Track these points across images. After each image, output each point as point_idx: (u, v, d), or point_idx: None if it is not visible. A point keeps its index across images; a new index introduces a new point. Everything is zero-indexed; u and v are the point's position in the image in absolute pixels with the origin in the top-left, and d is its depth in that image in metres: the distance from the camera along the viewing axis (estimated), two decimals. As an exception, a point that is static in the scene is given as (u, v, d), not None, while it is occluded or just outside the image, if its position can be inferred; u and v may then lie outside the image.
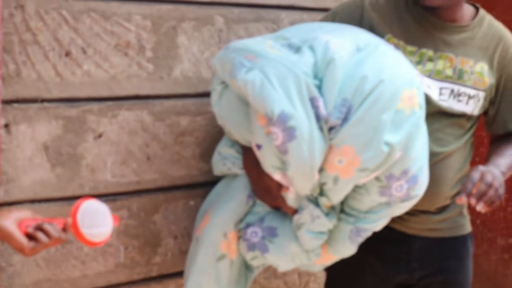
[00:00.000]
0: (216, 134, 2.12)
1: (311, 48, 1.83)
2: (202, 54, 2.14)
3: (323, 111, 1.77)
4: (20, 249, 1.34)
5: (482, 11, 2.13)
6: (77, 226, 1.39)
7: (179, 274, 2.20)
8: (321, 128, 1.77)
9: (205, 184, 2.20)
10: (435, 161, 2.00)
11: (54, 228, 1.37)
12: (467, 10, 2.10)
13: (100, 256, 2.04)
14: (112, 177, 2.03)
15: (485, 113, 2.17)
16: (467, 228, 2.22)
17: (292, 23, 2.33)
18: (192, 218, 2.20)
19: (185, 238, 2.21)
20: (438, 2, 1.96)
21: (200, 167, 2.20)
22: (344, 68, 1.80)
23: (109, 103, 1.99)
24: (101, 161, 2.00)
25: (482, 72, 2.06)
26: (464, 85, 2.03)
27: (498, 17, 2.20)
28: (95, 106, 1.96)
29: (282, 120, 1.72)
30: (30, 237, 1.36)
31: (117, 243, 2.07)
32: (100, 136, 1.99)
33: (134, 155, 2.07)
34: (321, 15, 2.34)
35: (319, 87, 1.80)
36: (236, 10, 2.21)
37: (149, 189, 2.13)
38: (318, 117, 1.77)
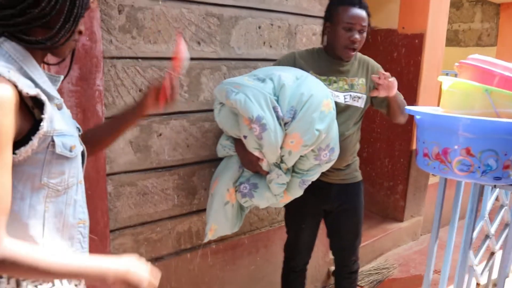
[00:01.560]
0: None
1: (271, 79, 1.86)
2: (215, 86, 2.11)
3: (280, 114, 1.81)
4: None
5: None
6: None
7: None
8: (280, 124, 1.81)
9: (218, 159, 2.20)
10: (343, 139, 2.00)
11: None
12: None
13: (164, 201, 2.07)
14: (168, 157, 2.06)
15: (371, 104, 2.16)
16: (360, 178, 2.18)
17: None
18: (213, 178, 2.23)
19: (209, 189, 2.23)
20: (349, 58, 1.99)
21: (216, 150, 2.22)
22: (290, 89, 1.83)
23: (165, 116, 2.01)
24: (161, 148, 2.02)
25: (363, 83, 2.05)
26: (355, 92, 2.02)
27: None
28: (157, 118, 1.98)
29: (258, 120, 1.76)
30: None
31: (173, 193, 2.11)
32: (160, 135, 2.01)
33: (180, 144, 2.09)
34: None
35: (277, 101, 1.83)
36: (233, 62, 2.21)
37: (189, 163, 2.15)
38: (278, 117, 1.80)
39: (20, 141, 0.92)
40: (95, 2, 1.68)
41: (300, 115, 1.80)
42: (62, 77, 1.09)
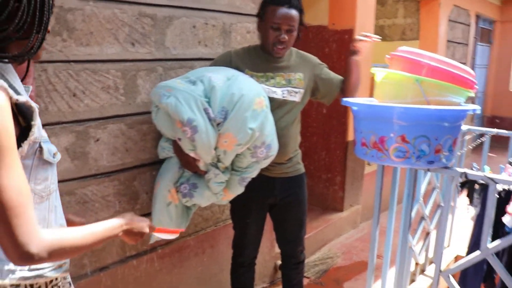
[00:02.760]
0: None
1: (202, 81, 1.87)
2: (151, 88, 2.08)
3: (212, 115, 1.82)
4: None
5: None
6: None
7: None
8: (212, 125, 1.82)
9: (159, 162, 2.16)
10: (282, 134, 2.03)
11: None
12: None
13: (105, 208, 2.01)
14: (107, 163, 2.00)
15: (315, 97, 2.22)
16: (303, 170, 2.23)
17: (201, 67, 2.32)
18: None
19: (152, 193, 2.16)
20: (280, 55, 2.03)
21: (156, 152, 2.15)
22: (221, 90, 1.85)
23: (101, 121, 1.95)
24: (100, 154, 1.96)
25: (300, 78, 2.08)
26: (293, 87, 2.06)
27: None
28: (93, 123, 1.92)
29: (189, 123, 1.77)
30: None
31: (114, 199, 2.05)
32: (98, 140, 1.95)
33: (118, 149, 2.04)
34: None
35: (208, 102, 1.84)
36: (169, 63, 2.18)
37: (129, 167, 2.09)
38: (209, 119, 1.82)
39: None
40: None
41: (232, 115, 1.82)
42: (31, 87, 1.09)
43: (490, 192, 1.74)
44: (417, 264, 2.70)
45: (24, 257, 0.85)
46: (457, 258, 3.11)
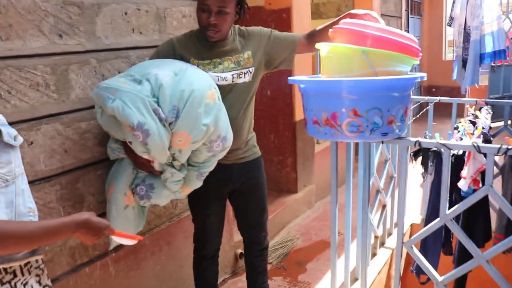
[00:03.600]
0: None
1: (148, 80, 1.76)
2: (86, 82, 1.97)
3: (162, 115, 1.73)
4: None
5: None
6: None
7: (102, 215, 2.07)
8: (164, 125, 1.73)
9: (103, 160, 2.05)
10: (236, 119, 1.98)
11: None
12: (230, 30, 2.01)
13: (48, 216, 1.85)
14: (45, 167, 1.84)
15: (273, 68, 2.13)
16: (259, 153, 2.19)
17: (137, 56, 2.20)
18: (100, 181, 2.06)
19: (99, 194, 2.07)
20: (215, 40, 1.93)
21: (99, 150, 2.04)
22: (169, 88, 1.75)
23: (34, 122, 1.79)
24: (36, 158, 1.80)
25: (248, 57, 2.00)
26: (242, 68, 1.99)
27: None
28: (24, 125, 1.75)
29: (140, 127, 1.67)
30: None
31: (57, 205, 1.90)
32: (32, 143, 1.78)
33: (56, 151, 1.88)
34: (153, 51, 2.26)
35: (157, 102, 1.75)
36: (102, 54, 2.03)
37: (70, 169, 1.95)
38: (160, 120, 1.72)
39: None
40: None
41: (184, 113, 1.74)
42: None
43: (445, 159, 1.76)
44: (376, 237, 2.74)
45: None
46: (412, 226, 3.20)
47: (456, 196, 2.01)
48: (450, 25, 6.61)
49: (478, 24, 3.44)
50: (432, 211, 2.16)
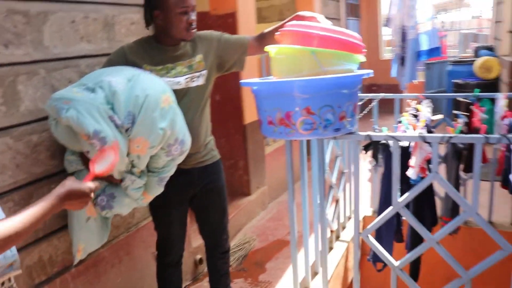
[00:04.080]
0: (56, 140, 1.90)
1: (101, 88, 1.75)
2: (35, 94, 1.93)
3: (118, 122, 1.73)
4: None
5: None
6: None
7: (58, 230, 2.04)
8: (120, 132, 1.73)
9: (58, 173, 2.01)
10: (192, 123, 2.00)
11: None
12: None
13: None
14: (-3, 183, 1.79)
15: (225, 70, 2.17)
16: (218, 156, 2.23)
17: (87, 65, 2.17)
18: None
19: None
20: (191, 38, 1.98)
21: (52, 163, 1.99)
22: (123, 94, 1.75)
23: (-18, 136, 1.74)
24: (-14, 174, 1.76)
25: (200, 60, 2.03)
26: (195, 71, 2.01)
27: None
28: (-28, 141, 1.71)
29: (96, 135, 1.66)
30: None
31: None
32: (-19, 159, 1.74)
33: (7, 166, 1.83)
34: (102, 59, 2.22)
35: (112, 109, 1.74)
36: (51, 64, 2.00)
37: (23, 184, 1.89)
38: (116, 126, 1.72)
39: None
40: None
41: (140, 118, 1.74)
42: None
43: (394, 150, 1.87)
44: (332, 231, 2.84)
45: None
46: (364, 218, 3.34)
47: (404, 186, 2.13)
48: (387, 26, 7.00)
49: (414, 24, 3.66)
50: (384, 201, 2.29)
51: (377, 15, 8.74)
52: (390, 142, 2.20)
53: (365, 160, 2.75)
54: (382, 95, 3.02)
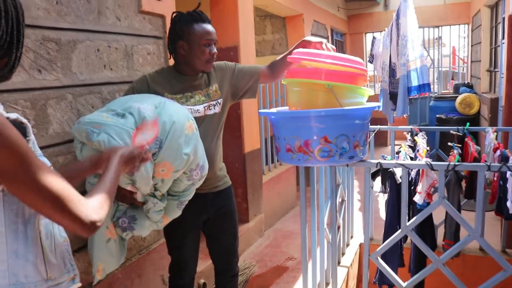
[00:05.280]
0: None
1: (131, 113, 1.81)
2: (63, 117, 2.00)
3: (146, 146, 1.79)
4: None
5: None
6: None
7: (77, 250, 2.06)
8: None
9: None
10: (210, 149, 2.07)
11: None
12: None
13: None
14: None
15: (239, 98, 2.27)
16: (230, 182, 2.29)
17: (109, 92, 2.27)
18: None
19: None
20: (210, 69, 2.08)
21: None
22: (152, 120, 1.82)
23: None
24: (15, 194, 1.80)
25: (216, 89, 2.12)
26: (211, 100, 2.10)
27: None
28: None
29: None
30: None
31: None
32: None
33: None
34: (122, 86, 2.33)
35: None
36: (78, 89, 2.08)
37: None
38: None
39: None
40: None
41: (167, 143, 1.80)
42: (2, 105, 1.06)
43: (403, 176, 2.00)
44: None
45: (92, 227, 0.99)
46: (361, 245, 3.43)
47: (412, 209, 2.26)
48: (371, 62, 7.28)
49: (405, 61, 3.87)
50: (389, 225, 2.40)
51: (361, 51, 9.08)
52: (397, 170, 2.32)
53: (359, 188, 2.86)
54: (378, 127, 3.18)
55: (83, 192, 1.84)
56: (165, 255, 2.63)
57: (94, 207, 1.02)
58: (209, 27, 2.03)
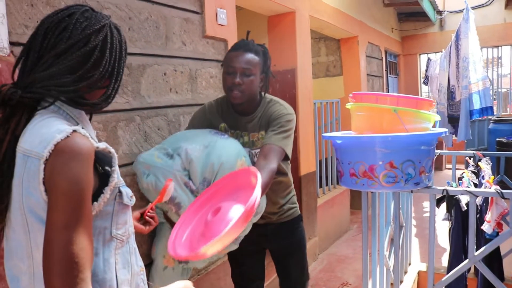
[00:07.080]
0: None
1: (178, 155, 1.85)
2: (131, 138, 2.07)
3: (193, 187, 1.83)
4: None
5: (265, 97, 2.01)
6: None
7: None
8: (195, 197, 1.79)
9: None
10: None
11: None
12: (256, 99, 1.99)
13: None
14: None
15: None
16: (297, 212, 2.17)
17: (174, 114, 2.33)
18: (141, 236, 2.10)
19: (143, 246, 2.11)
20: (236, 102, 1.92)
21: (140, 205, 2.06)
22: (199, 162, 1.82)
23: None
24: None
25: (262, 136, 1.98)
26: (256, 148, 2.00)
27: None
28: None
29: (172, 200, 1.79)
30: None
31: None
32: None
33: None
34: (186, 109, 2.39)
35: (188, 175, 1.84)
36: (145, 111, 2.16)
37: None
38: (192, 192, 1.82)
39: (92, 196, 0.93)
40: None
41: None
42: (95, 132, 1.13)
43: (471, 204, 1.91)
44: (392, 284, 2.83)
45: None
46: (419, 273, 3.30)
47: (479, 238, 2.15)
48: (426, 84, 7.10)
49: (467, 84, 3.75)
50: (454, 254, 2.29)
51: (415, 73, 8.89)
52: (462, 197, 2.23)
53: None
54: (438, 151, 3.07)
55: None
56: (222, 276, 2.64)
57: None
58: (238, 53, 1.90)
